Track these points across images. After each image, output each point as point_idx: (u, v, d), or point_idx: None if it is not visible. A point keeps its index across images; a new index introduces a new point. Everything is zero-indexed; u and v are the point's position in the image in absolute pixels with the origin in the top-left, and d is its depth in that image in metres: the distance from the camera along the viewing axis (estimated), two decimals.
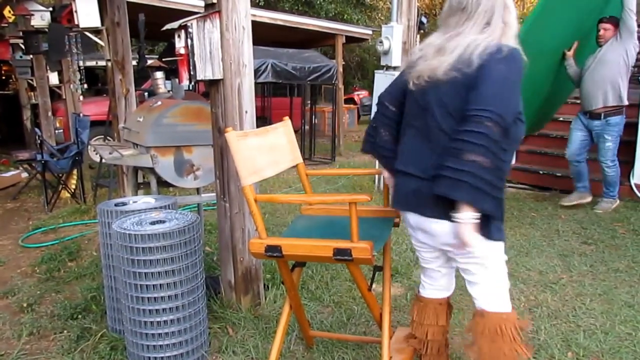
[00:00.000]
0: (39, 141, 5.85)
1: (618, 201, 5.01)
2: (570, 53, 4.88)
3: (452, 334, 2.72)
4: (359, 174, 2.32)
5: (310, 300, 3.13)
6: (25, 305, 3.22)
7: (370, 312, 2.32)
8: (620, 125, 4.81)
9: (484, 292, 1.97)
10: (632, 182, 5.33)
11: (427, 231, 1.93)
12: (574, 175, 5.14)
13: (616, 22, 4.67)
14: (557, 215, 4.85)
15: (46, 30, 6.23)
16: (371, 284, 2.20)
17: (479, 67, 1.71)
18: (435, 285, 2.19)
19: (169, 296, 2.33)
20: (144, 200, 2.86)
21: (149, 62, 4.59)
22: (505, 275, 1.98)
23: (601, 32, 4.73)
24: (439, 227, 1.86)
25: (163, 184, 3.59)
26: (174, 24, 2.64)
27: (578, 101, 5.14)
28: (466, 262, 1.94)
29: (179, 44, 2.64)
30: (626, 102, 4.76)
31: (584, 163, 5.05)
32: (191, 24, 2.56)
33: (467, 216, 1.70)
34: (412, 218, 1.95)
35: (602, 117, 4.78)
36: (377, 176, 5.94)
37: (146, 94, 7.88)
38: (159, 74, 4.25)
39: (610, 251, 3.85)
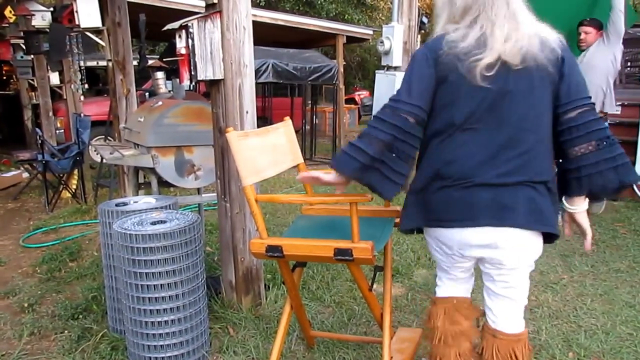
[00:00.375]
0: (39, 141, 5.86)
1: (604, 201, 4.81)
2: None
3: None
4: None
5: (311, 300, 3.13)
6: (26, 305, 3.22)
7: (371, 312, 2.32)
8: None
9: (509, 310, 1.81)
10: None
11: (497, 245, 1.68)
12: None
13: (598, 25, 4.42)
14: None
15: (47, 30, 6.24)
16: (372, 284, 2.20)
17: (561, 57, 1.61)
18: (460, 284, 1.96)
19: (169, 296, 2.33)
20: (144, 201, 2.86)
21: (150, 62, 4.59)
22: None
23: (582, 36, 4.45)
24: (526, 237, 1.68)
25: (164, 184, 3.59)
26: (175, 24, 2.64)
27: None
28: (508, 272, 1.77)
29: (180, 44, 2.64)
30: (610, 110, 4.49)
31: None
32: (192, 24, 2.56)
33: (585, 205, 1.74)
34: (479, 233, 1.67)
35: None
36: None
37: (147, 94, 7.87)
38: (160, 74, 4.26)
39: (612, 251, 3.85)
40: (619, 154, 1.64)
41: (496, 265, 1.75)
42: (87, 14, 4.68)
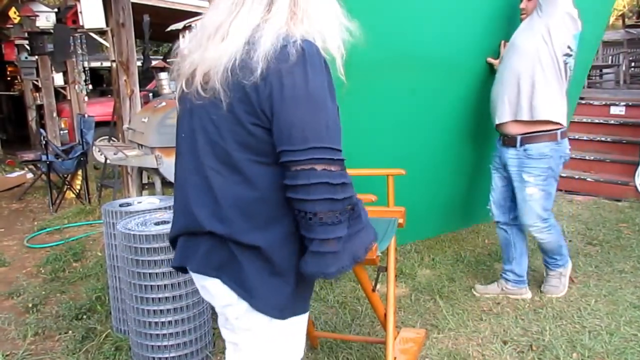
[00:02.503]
0: (44, 142, 5.88)
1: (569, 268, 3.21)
2: (496, 61, 3.12)
3: (457, 334, 2.72)
4: (365, 174, 2.29)
5: (315, 300, 3.13)
6: (30, 305, 3.23)
7: (375, 312, 2.32)
8: (550, 158, 2.84)
9: None
10: (637, 182, 5.29)
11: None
12: (501, 245, 3.25)
13: None
14: (561, 216, 4.83)
15: (51, 31, 6.26)
16: (375, 285, 2.20)
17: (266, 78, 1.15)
18: None
19: (173, 297, 2.33)
20: (148, 201, 2.87)
21: (154, 63, 4.60)
22: None
23: (522, 5, 2.92)
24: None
25: (167, 184, 3.60)
26: (179, 25, 2.65)
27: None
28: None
29: (184, 45, 2.65)
30: (551, 117, 2.80)
31: (514, 227, 3.11)
32: (195, 24, 2.56)
33: None
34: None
35: (517, 143, 2.88)
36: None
37: (151, 94, 7.89)
38: (164, 75, 4.27)
39: (616, 252, 3.84)
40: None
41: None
42: (91, 14, 4.70)
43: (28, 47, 7.27)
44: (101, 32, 5.40)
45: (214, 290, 1.33)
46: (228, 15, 1.23)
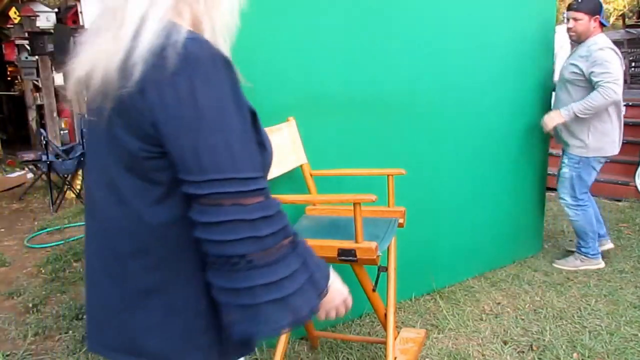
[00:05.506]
0: (44, 142, 5.88)
1: (602, 264, 3.53)
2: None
3: (457, 334, 2.72)
4: (366, 174, 2.29)
5: None
6: (30, 305, 3.23)
7: (375, 312, 2.32)
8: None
9: None
10: (637, 182, 5.30)
11: None
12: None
13: (590, 8, 3.28)
14: (562, 216, 4.83)
15: (52, 31, 6.27)
16: (376, 285, 2.20)
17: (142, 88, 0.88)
18: None
19: None
20: None
21: None
22: None
23: (570, 24, 3.36)
24: None
25: None
26: None
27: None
28: None
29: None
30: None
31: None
32: None
33: None
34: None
35: None
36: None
37: None
38: None
39: (616, 252, 3.84)
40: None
41: None
42: (92, 14, 4.70)
43: (28, 47, 7.28)
44: None
45: None
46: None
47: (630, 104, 5.70)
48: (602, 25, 3.35)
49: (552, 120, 3.41)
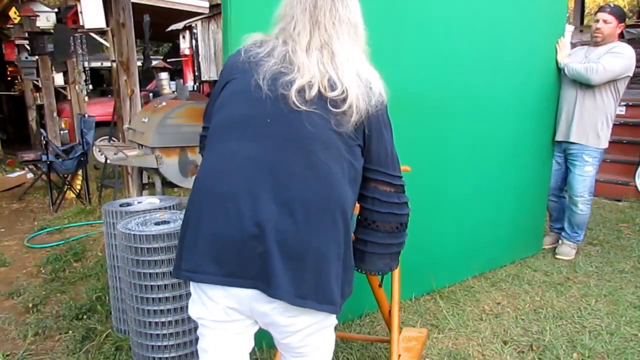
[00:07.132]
0: (44, 142, 5.88)
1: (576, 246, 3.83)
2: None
3: (457, 334, 2.72)
4: None
5: None
6: (30, 305, 3.23)
7: (380, 309, 2.32)
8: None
9: None
10: (637, 182, 5.30)
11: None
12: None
13: (621, 14, 3.59)
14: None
15: (52, 31, 6.26)
16: (382, 279, 2.19)
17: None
18: None
19: (173, 296, 2.33)
20: (148, 201, 2.87)
21: (154, 63, 4.61)
22: None
23: (599, 25, 3.52)
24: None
25: (168, 184, 3.60)
26: (179, 25, 2.65)
27: None
28: None
29: (184, 45, 2.65)
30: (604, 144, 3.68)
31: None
32: (196, 24, 2.56)
33: None
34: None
35: None
36: None
37: (151, 94, 7.89)
38: (164, 75, 4.27)
39: (616, 252, 3.84)
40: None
41: None
42: (92, 14, 4.70)
43: (28, 47, 7.27)
44: (101, 32, 5.40)
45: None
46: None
47: (630, 104, 5.71)
48: (620, 35, 3.60)
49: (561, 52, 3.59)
